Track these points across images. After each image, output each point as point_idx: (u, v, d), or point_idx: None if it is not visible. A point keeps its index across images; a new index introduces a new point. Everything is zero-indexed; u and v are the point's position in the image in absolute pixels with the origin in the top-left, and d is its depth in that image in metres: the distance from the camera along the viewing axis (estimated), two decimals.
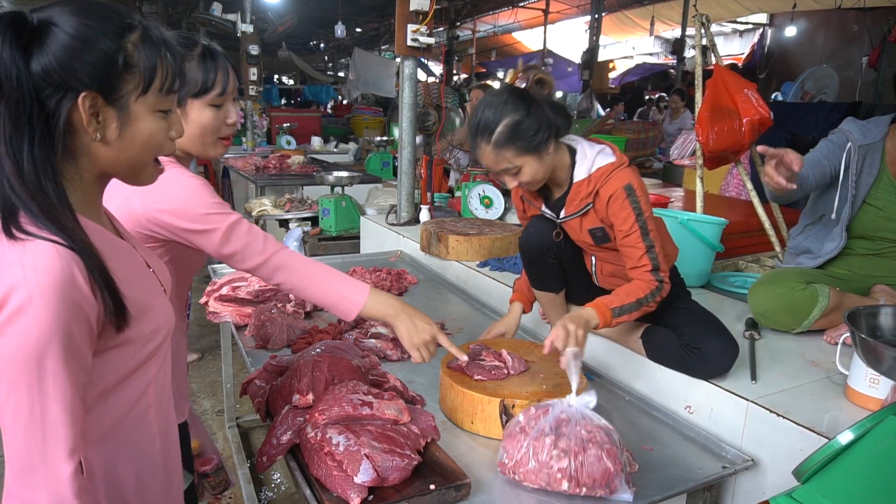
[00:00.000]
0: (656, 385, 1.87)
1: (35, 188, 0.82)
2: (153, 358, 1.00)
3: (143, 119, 0.90)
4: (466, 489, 1.28)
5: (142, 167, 0.95)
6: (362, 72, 11.24)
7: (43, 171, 0.82)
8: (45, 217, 0.82)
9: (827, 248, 2.19)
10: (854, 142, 2.14)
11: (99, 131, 0.87)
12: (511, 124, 1.65)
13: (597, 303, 1.69)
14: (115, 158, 0.90)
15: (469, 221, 3.28)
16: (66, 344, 0.80)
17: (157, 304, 1.00)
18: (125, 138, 0.90)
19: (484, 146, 1.70)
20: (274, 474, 2.82)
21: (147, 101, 0.90)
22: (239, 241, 1.33)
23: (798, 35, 11.11)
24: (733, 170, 4.64)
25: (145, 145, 0.92)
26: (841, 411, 1.60)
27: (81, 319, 0.82)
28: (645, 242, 1.69)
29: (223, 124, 1.39)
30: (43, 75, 0.81)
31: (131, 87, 0.88)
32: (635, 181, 1.70)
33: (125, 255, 0.98)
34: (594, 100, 9.84)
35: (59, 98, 0.83)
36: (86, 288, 0.82)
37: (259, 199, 4.29)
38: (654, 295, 1.70)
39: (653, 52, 15.32)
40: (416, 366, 1.95)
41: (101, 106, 0.86)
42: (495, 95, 1.72)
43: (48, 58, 0.81)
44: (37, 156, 0.82)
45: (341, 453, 1.23)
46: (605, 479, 1.26)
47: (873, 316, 1.43)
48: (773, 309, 2.04)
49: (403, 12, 3.22)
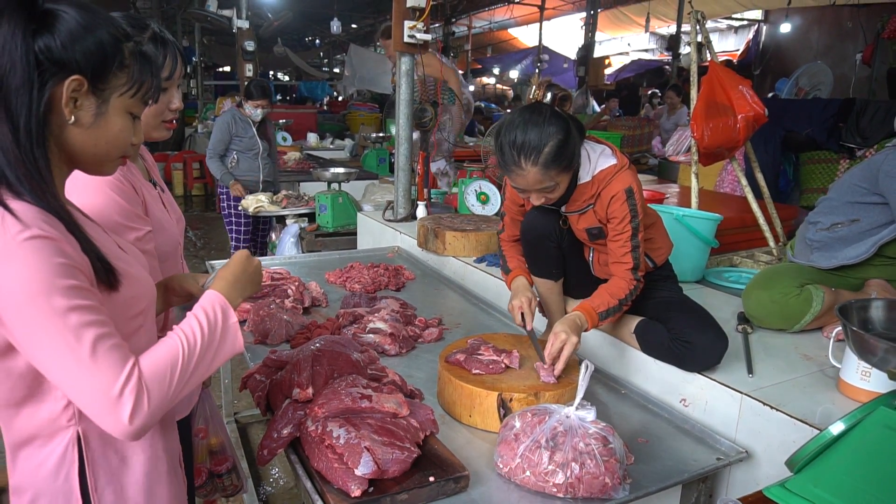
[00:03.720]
0: (652, 379, 1.90)
1: (28, 153, 0.88)
2: (141, 328, 1.04)
3: (118, 116, 0.97)
4: (465, 481, 1.30)
5: (106, 160, 1.00)
6: (358, 68, 11.22)
7: (37, 139, 0.89)
8: (29, 182, 0.88)
9: (848, 253, 2.13)
10: None
11: (74, 114, 0.92)
12: (557, 145, 1.67)
13: (585, 307, 1.78)
14: (82, 145, 0.95)
15: (466, 217, 3.29)
16: (65, 283, 0.86)
17: (134, 272, 1.04)
18: (98, 127, 0.95)
19: (529, 167, 1.68)
20: (272, 469, 2.84)
21: (126, 101, 0.97)
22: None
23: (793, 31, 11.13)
24: (728, 166, 4.67)
25: (114, 140, 0.98)
26: (833, 404, 1.62)
27: (72, 267, 0.87)
28: (632, 242, 1.79)
29: (166, 108, 1.44)
30: (46, 52, 0.88)
31: (118, 84, 0.96)
32: (635, 184, 1.78)
33: (97, 232, 1.03)
34: (589, 96, 9.85)
35: (51, 75, 0.89)
36: (68, 246, 0.88)
37: (256, 196, 4.29)
38: (631, 294, 1.82)
39: (648, 49, 15.34)
40: (414, 360, 1.97)
41: (84, 93, 0.92)
42: (534, 115, 1.70)
43: (53, 38, 0.88)
44: (32, 123, 0.88)
45: (342, 446, 1.25)
46: (602, 492, 1.27)
47: (864, 309, 1.45)
48: (768, 314, 2.07)
49: (400, 9, 3.22)
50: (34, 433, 0.97)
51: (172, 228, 1.56)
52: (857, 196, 2.15)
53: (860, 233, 2.13)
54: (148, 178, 1.56)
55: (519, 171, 1.71)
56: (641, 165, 6.55)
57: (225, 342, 1.02)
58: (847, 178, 2.23)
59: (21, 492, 1.00)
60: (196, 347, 0.97)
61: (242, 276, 1.16)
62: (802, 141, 5.06)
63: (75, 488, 0.98)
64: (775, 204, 3.26)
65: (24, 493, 0.99)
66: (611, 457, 1.28)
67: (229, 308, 1.05)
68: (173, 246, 1.56)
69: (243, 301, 1.17)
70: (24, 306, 0.84)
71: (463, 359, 1.67)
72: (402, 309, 2.29)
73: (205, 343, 0.98)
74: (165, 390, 0.92)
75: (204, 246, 6.74)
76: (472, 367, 1.63)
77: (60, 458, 0.97)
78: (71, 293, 0.86)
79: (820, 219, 2.24)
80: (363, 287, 2.58)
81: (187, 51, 13.53)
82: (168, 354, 0.94)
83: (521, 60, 14.75)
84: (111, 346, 0.88)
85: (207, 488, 1.77)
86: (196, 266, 5.76)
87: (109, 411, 0.86)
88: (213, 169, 4.46)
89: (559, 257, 2.00)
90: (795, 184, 5.22)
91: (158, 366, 0.92)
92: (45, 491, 0.98)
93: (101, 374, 0.86)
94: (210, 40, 15.02)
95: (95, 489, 0.99)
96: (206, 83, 13.02)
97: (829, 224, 2.20)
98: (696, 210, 2.82)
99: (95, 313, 0.88)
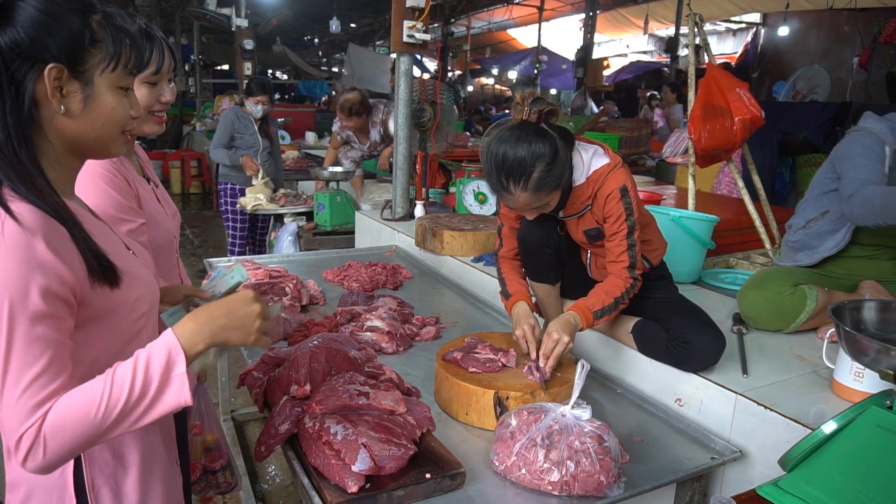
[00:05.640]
0: (647, 378, 1.91)
1: (10, 154, 0.86)
2: (143, 330, 1.03)
3: (106, 94, 0.94)
4: (461, 478, 1.31)
5: (109, 140, 0.98)
6: (357, 67, 11.23)
7: (17, 139, 0.87)
8: (21, 182, 0.86)
9: (827, 245, 2.17)
10: (890, 144, 2.04)
11: (63, 104, 0.90)
12: (545, 168, 1.65)
13: (580, 306, 1.78)
14: (80, 132, 0.93)
15: (463, 217, 3.30)
16: (28, 300, 0.83)
17: (139, 274, 1.03)
18: (89, 112, 0.93)
19: (518, 192, 1.68)
20: (269, 467, 2.84)
21: (110, 76, 0.94)
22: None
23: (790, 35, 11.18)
24: (725, 168, 4.68)
25: (109, 119, 0.95)
26: (827, 404, 1.64)
27: (48, 278, 0.84)
28: (628, 241, 1.79)
29: (156, 101, 1.47)
30: (12, 46, 0.85)
31: (96, 62, 0.92)
32: (629, 182, 1.78)
33: (101, 230, 1.02)
34: (588, 97, 9.88)
35: (27, 69, 0.86)
36: (48, 252, 0.84)
37: (254, 194, 4.29)
38: (628, 293, 1.81)
39: (647, 51, 15.38)
40: (411, 358, 1.98)
41: (66, 79, 0.89)
42: (518, 137, 1.67)
43: (16, 31, 0.85)
44: (10, 124, 0.86)
45: (339, 442, 1.25)
46: (597, 490, 1.28)
47: (857, 310, 1.46)
48: (762, 313, 2.08)
49: (399, 9, 3.23)
50: None
51: (167, 222, 1.57)
52: (825, 186, 2.21)
53: (833, 222, 2.17)
54: (142, 174, 1.57)
55: (508, 195, 1.71)
56: (639, 167, 6.57)
57: (164, 395, 0.90)
58: (817, 174, 2.30)
59: (16, 487, 0.99)
60: (119, 401, 0.87)
61: (223, 318, 1.00)
62: (799, 144, 5.09)
63: (69, 485, 0.98)
64: (772, 206, 3.27)
65: (19, 489, 0.99)
66: (606, 455, 1.29)
67: (179, 356, 0.92)
68: (167, 240, 1.57)
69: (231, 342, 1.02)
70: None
71: (460, 357, 1.68)
72: (400, 307, 2.30)
73: (133, 397, 0.88)
74: (67, 445, 0.85)
75: (202, 244, 6.73)
76: (469, 366, 1.64)
77: None
78: (34, 313, 0.83)
79: (796, 220, 2.32)
80: (361, 285, 2.59)
81: (186, 49, 13.53)
82: (83, 405, 0.86)
83: (519, 61, 14.76)
84: (37, 386, 0.84)
85: (202, 485, 1.77)
86: (193, 264, 5.76)
87: (13, 448, 0.85)
88: (220, 157, 4.42)
89: (556, 262, 2.01)
90: (792, 186, 5.24)
91: (67, 416, 0.85)
92: (38, 487, 0.98)
93: (13, 414, 0.84)
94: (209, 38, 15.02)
95: (92, 487, 0.99)
96: (205, 81, 13.01)
97: (804, 223, 2.27)
98: (693, 211, 2.84)
99: (47, 336, 0.85)
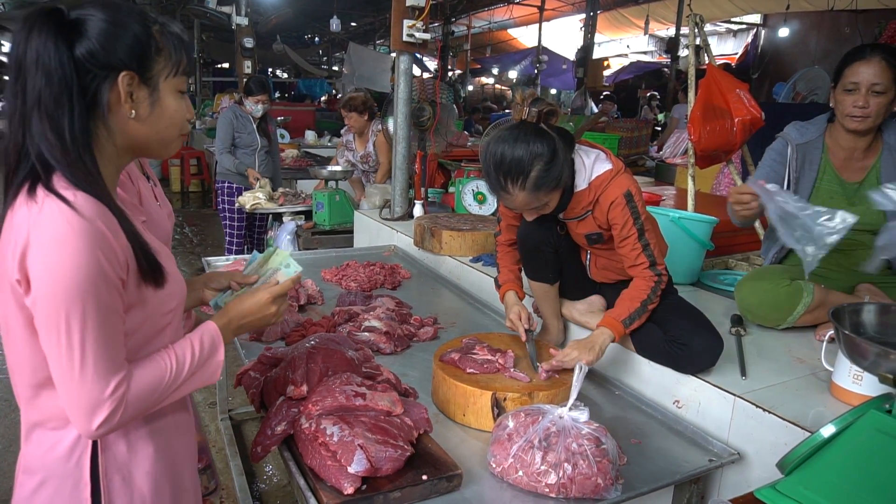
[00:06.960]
0: (645, 380, 1.90)
1: (76, 158, 0.92)
2: (169, 326, 1.07)
3: (169, 98, 1.03)
4: (458, 480, 1.30)
5: (170, 141, 1.07)
6: (357, 66, 11.21)
7: (82, 145, 0.93)
8: (86, 182, 0.92)
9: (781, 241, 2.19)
10: (792, 142, 2.21)
11: (134, 108, 0.98)
12: (543, 167, 1.65)
13: (606, 320, 1.77)
14: (147, 135, 1.02)
15: (462, 217, 3.29)
16: (99, 280, 0.90)
17: (171, 269, 1.08)
18: (155, 115, 1.01)
19: (517, 191, 1.68)
20: (266, 466, 2.83)
21: (172, 81, 1.03)
22: None
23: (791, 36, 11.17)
24: (725, 169, 4.68)
25: (172, 121, 1.04)
26: (825, 407, 1.63)
27: (111, 261, 0.91)
28: (641, 242, 1.77)
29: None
30: (88, 58, 0.93)
31: (161, 68, 1.01)
32: (633, 186, 1.77)
33: (142, 227, 1.07)
34: (588, 97, 9.88)
35: (102, 79, 0.94)
36: (112, 239, 0.92)
37: (253, 193, 4.28)
38: (655, 291, 1.79)
39: (647, 51, 15.36)
40: (409, 359, 1.98)
41: (137, 85, 0.98)
42: (516, 137, 1.67)
43: (91, 42, 0.93)
44: (77, 130, 0.93)
45: (335, 443, 1.25)
46: (594, 492, 1.28)
47: (857, 313, 1.46)
48: (759, 304, 2.08)
49: (399, 8, 3.22)
50: (51, 415, 1.00)
51: (164, 222, 1.56)
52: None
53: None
54: (141, 172, 1.57)
55: (507, 195, 1.71)
56: (639, 167, 6.56)
57: (204, 374, 1.08)
58: None
59: (32, 473, 1.02)
60: (182, 375, 1.03)
61: (247, 318, 1.20)
62: None
63: (86, 472, 1.00)
64: None
65: (35, 475, 1.01)
66: (603, 457, 1.29)
67: (221, 345, 1.11)
68: (164, 239, 1.56)
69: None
70: (58, 293, 0.88)
71: (457, 358, 1.67)
72: (398, 307, 2.29)
73: (190, 372, 1.05)
74: (140, 409, 0.99)
75: (200, 242, 6.73)
76: (467, 367, 1.64)
77: (74, 441, 1.00)
78: (100, 295, 0.90)
79: (765, 244, 2.38)
80: (359, 285, 2.58)
81: None
82: (157, 375, 1.00)
83: (520, 61, 14.75)
84: (108, 355, 0.93)
85: None
86: (192, 262, 5.76)
87: (84, 414, 0.93)
88: (227, 163, 4.44)
89: (556, 262, 2.00)
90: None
91: (145, 385, 0.98)
92: (55, 473, 1.00)
93: (93, 385, 0.92)
94: (209, 37, 14.99)
95: (105, 475, 1.02)
96: (205, 79, 13.00)
97: (775, 240, 2.30)
98: (693, 212, 2.83)
99: (111, 319, 0.93)
